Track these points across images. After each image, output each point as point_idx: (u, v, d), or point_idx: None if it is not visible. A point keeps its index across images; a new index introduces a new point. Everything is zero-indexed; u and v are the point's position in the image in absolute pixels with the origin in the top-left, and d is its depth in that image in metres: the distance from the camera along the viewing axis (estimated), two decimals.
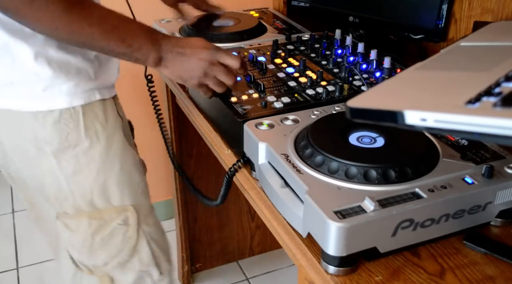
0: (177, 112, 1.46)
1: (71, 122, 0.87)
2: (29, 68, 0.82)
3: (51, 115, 0.86)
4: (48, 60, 0.83)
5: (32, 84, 0.84)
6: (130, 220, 0.97)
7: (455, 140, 0.79)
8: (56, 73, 0.84)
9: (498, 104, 0.50)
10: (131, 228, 0.98)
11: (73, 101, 0.87)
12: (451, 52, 0.79)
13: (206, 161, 1.60)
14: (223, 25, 1.30)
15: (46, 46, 0.83)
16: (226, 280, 1.82)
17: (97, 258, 0.98)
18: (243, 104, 0.92)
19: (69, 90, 0.86)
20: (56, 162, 0.89)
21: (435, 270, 0.66)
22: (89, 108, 0.89)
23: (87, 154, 0.90)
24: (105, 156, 0.92)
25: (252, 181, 0.86)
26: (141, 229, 0.99)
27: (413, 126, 0.53)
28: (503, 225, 0.73)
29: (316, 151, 0.73)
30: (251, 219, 1.81)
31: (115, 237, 0.97)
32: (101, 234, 0.96)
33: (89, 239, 0.96)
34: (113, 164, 0.94)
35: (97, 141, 0.91)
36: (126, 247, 0.99)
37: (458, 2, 1.10)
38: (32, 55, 0.82)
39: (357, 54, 1.11)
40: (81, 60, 0.87)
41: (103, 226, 0.96)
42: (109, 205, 0.95)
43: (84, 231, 0.95)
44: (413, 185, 0.68)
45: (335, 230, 0.62)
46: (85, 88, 0.88)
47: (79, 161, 0.90)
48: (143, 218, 1.00)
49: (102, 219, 0.95)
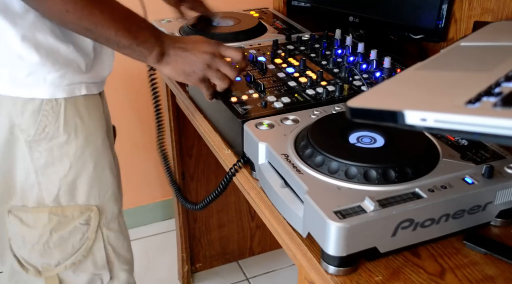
0: (177, 112, 1.46)
1: (51, 114, 0.85)
2: (14, 51, 0.80)
3: (31, 104, 0.84)
4: (36, 44, 0.81)
5: (15, 67, 0.81)
6: (92, 220, 0.95)
7: (455, 140, 0.79)
8: (43, 60, 0.82)
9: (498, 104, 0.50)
10: (90, 229, 0.95)
11: (56, 93, 0.85)
12: (451, 52, 0.79)
13: (206, 161, 1.61)
14: (223, 25, 1.30)
15: (36, 30, 0.80)
16: (226, 280, 1.81)
17: (50, 256, 0.95)
18: (243, 104, 0.92)
19: (53, 81, 0.83)
20: (28, 152, 0.87)
21: (435, 270, 0.66)
22: (72, 102, 0.87)
23: (62, 149, 0.88)
24: (80, 153, 0.90)
25: (252, 181, 0.86)
26: (100, 231, 0.97)
27: (413, 126, 0.53)
28: (503, 225, 0.73)
29: (316, 151, 0.73)
30: (251, 219, 1.81)
31: (73, 236, 0.94)
32: (60, 232, 0.93)
33: (46, 235, 0.93)
34: (87, 162, 0.92)
35: (75, 137, 0.89)
36: (82, 248, 0.96)
37: (458, 2, 1.10)
38: (19, 37, 0.79)
39: (357, 54, 1.11)
40: (72, 50, 0.85)
41: (64, 224, 0.93)
42: (73, 203, 0.93)
43: (43, 226, 0.92)
44: (413, 185, 0.68)
45: (335, 230, 0.62)
46: (72, 81, 0.86)
47: (52, 154, 0.88)
48: (106, 221, 0.98)
49: (64, 216, 0.93)
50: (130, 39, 0.81)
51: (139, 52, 0.84)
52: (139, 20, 0.83)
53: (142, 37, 0.82)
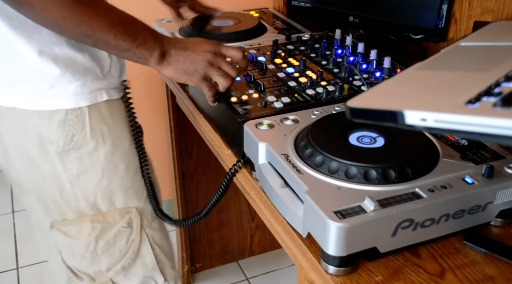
0: (177, 112, 1.46)
1: (76, 123, 0.86)
2: (34, 66, 0.81)
3: (56, 115, 0.85)
4: (54, 57, 0.82)
5: (37, 82, 0.82)
6: (134, 222, 0.96)
7: (455, 140, 0.79)
8: (62, 71, 0.82)
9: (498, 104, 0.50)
10: (134, 231, 0.97)
11: (79, 102, 0.85)
12: (451, 52, 0.79)
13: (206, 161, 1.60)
14: (223, 25, 1.30)
15: (51, 43, 0.81)
16: (226, 280, 1.82)
17: (100, 263, 0.97)
18: (243, 104, 0.92)
19: (75, 90, 0.84)
20: (60, 163, 0.88)
21: (435, 270, 0.66)
22: (96, 108, 0.88)
23: (92, 156, 0.89)
24: (110, 158, 0.91)
25: (252, 181, 0.86)
26: (144, 232, 0.98)
27: (413, 126, 0.53)
28: (503, 225, 0.73)
29: (316, 151, 0.73)
30: (251, 219, 1.81)
31: (118, 240, 0.96)
32: (105, 238, 0.94)
33: (92, 244, 0.94)
34: (118, 166, 0.93)
35: (103, 142, 0.89)
36: (129, 251, 0.97)
37: (458, 2, 1.10)
38: (36, 52, 0.80)
39: (357, 54, 1.11)
40: (88, 58, 0.85)
41: (107, 230, 0.94)
42: (113, 208, 0.94)
43: (87, 235, 0.94)
44: (413, 185, 0.68)
45: (335, 230, 0.62)
46: (92, 88, 0.86)
47: (83, 162, 0.89)
48: (147, 221, 0.99)
49: (106, 222, 0.94)
50: (129, 42, 0.81)
51: (140, 54, 0.83)
52: (137, 22, 0.83)
53: (141, 39, 0.82)
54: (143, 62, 0.85)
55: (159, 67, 0.86)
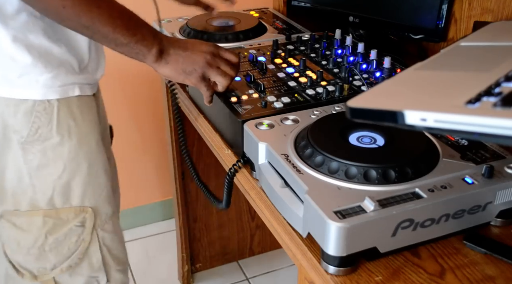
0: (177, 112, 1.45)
1: (43, 116, 0.85)
2: (6, 52, 0.80)
3: (23, 104, 0.83)
4: (28, 46, 0.80)
5: (7, 69, 0.81)
6: (87, 222, 0.94)
7: (455, 140, 0.79)
8: (35, 61, 0.81)
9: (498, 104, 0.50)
10: (86, 231, 0.95)
11: (48, 94, 0.84)
12: (451, 52, 0.79)
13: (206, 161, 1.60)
14: (223, 25, 1.30)
15: (28, 31, 0.80)
16: (226, 280, 1.82)
17: (46, 260, 0.94)
18: (243, 104, 0.92)
19: (45, 82, 0.83)
20: (21, 153, 0.86)
21: (435, 270, 0.66)
22: (65, 103, 0.86)
23: (55, 150, 0.88)
24: (74, 154, 0.90)
25: (252, 181, 0.86)
26: (95, 233, 0.96)
27: (413, 126, 0.53)
28: (503, 225, 0.73)
29: (316, 151, 0.73)
30: (251, 219, 1.81)
31: (68, 238, 0.94)
32: (55, 235, 0.92)
33: (41, 239, 0.92)
34: (81, 164, 0.91)
35: (69, 138, 0.88)
36: (77, 250, 0.95)
37: (458, 2, 1.10)
38: (10, 38, 0.79)
39: (357, 54, 1.11)
40: (65, 51, 0.84)
41: (59, 226, 0.92)
42: (68, 205, 0.92)
43: (38, 230, 0.91)
44: (413, 185, 0.68)
45: (335, 230, 0.62)
46: (65, 82, 0.85)
47: (46, 155, 0.87)
48: (100, 222, 0.97)
49: (59, 219, 0.92)
50: (128, 36, 0.80)
51: (137, 50, 0.82)
52: (137, 18, 0.83)
53: (140, 35, 0.82)
54: (141, 59, 0.85)
55: (156, 64, 0.86)
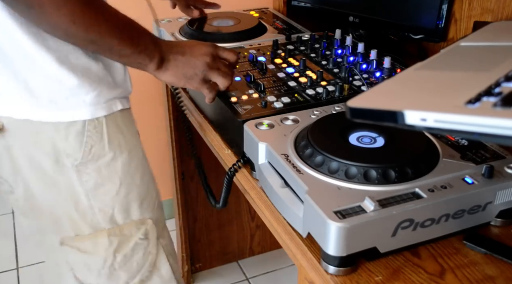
0: (177, 112, 1.46)
1: (95, 134, 0.83)
2: (53, 75, 0.78)
3: (73, 127, 0.81)
4: (72, 67, 0.79)
5: (54, 92, 0.79)
6: (150, 234, 0.94)
7: (455, 140, 0.79)
8: (80, 81, 0.79)
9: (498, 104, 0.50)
10: (151, 243, 0.94)
11: (97, 112, 0.83)
12: (451, 52, 0.79)
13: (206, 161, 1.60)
14: (223, 25, 1.30)
15: (68, 52, 0.78)
16: (226, 280, 1.82)
17: (118, 278, 0.93)
18: (243, 104, 0.92)
19: (92, 100, 0.82)
20: (76, 176, 0.85)
21: (435, 270, 0.66)
22: (112, 118, 0.85)
23: (109, 167, 0.86)
24: (127, 168, 0.89)
25: (252, 181, 0.86)
26: (159, 244, 0.96)
27: (413, 126, 0.53)
28: (503, 225, 0.73)
29: (316, 151, 0.73)
30: (251, 219, 1.81)
31: (136, 253, 0.93)
32: (123, 252, 0.91)
33: (110, 258, 0.91)
34: (135, 176, 0.90)
35: (120, 153, 0.87)
36: (146, 264, 0.95)
37: (458, 2, 1.10)
38: (55, 61, 0.77)
39: (357, 54, 1.11)
40: (102, 67, 0.83)
41: (124, 243, 0.91)
42: (129, 220, 0.91)
43: (105, 250, 0.90)
44: (413, 185, 0.68)
45: (335, 230, 0.62)
46: (108, 98, 0.84)
47: (101, 174, 0.86)
48: (160, 231, 0.97)
49: (123, 235, 0.91)
50: (132, 47, 0.79)
51: (140, 60, 0.82)
52: (138, 26, 0.82)
53: (143, 45, 0.81)
54: (142, 68, 0.84)
55: (157, 72, 0.85)
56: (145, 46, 0.81)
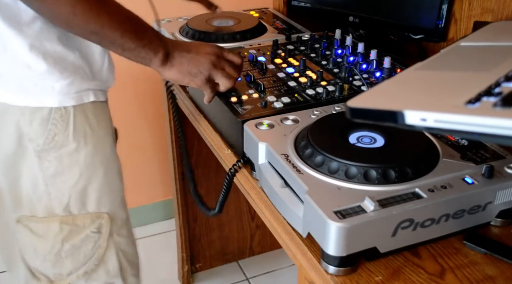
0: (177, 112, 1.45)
1: (60, 123, 0.84)
2: (22, 60, 0.79)
3: (39, 112, 0.82)
4: (44, 53, 0.80)
5: (23, 77, 0.80)
6: (103, 228, 0.94)
7: (455, 140, 0.79)
8: (51, 68, 0.80)
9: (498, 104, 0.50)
10: (102, 237, 0.94)
11: (65, 101, 0.83)
12: (451, 52, 0.79)
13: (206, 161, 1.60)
14: (223, 25, 1.30)
15: (43, 38, 0.79)
16: (226, 280, 1.81)
17: (63, 266, 0.94)
18: (243, 104, 0.92)
19: (62, 89, 0.82)
20: (37, 161, 0.86)
21: (435, 270, 0.66)
22: (81, 109, 0.85)
23: (71, 157, 0.87)
24: (90, 160, 0.89)
25: (252, 181, 0.86)
26: (111, 239, 0.96)
27: (413, 126, 0.53)
28: (503, 225, 0.73)
29: (316, 151, 0.73)
30: (251, 219, 1.81)
31: (85, 245, 0.93)
32: (72, 241, 0.92)
33: (58, 245, 0.91)
34: (97, 170, 0.91)
35: (85, 144, 0.87)
36: (94, 256, 0.95)
37: (458, 2, 1.10)
38: (27, 46, 0.78)
39: (357, 54, 1.11)
40: (78, 57, 0.83)
41: (75, 233, 0.92)
42: (84, 211, 0.91)
43: (54, 236, 0.91)
44: (413, 185, 0.68)
45: (335, 230, 0.62)
46: (80, 88, 0.84)
47: (62, 163, 0.87)
48: (116, 228, 0.97)
49: (75, 225, 0.91)
50: (136, 41, 0.80)
51: (144, 54, 0.82)
52: (143, 21, 0.83)
53: (147, 39, 0.81)
54: (146, 63, 0.84)
55: (161, 68, 0.86)
56: (149, 40, 0.82)
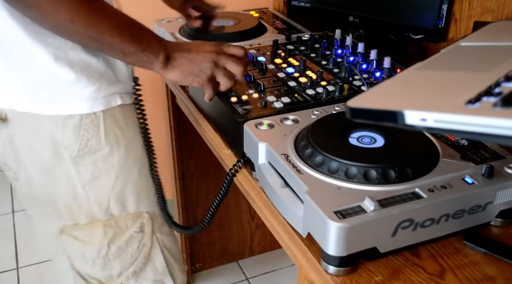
0: (177, 112, 1.46)
1: (91, 128, 0.85)
2: (49, 71, 0.80)
3: (71, 120, 0.84)
4: (69, 62, 0.81)
5: (52, 87, 0.82)
6: (146, 227, 0.96)
7: (455, 140, 0.79)
8: (78, 76, 0.82)
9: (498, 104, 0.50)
10: (146, 236, 0.96)
11: (94, 106, 0.85)
12: (451, 52, 0.79)
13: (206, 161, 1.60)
14: (223, 25, 1.30)
15: (67, 48, 0.81)
16: (226, 280, 1.82)
17: (112, 268, 0.96)
18: (243, 104, 0.92)
19: (90, 95, 0.84)
20: (73, 168, 0.87)
21: (435, 270, 0.66)
22: (110, 113, 0.87)
23: (106, 160, 0.89)
24: (124, 162, 0.91)
25: (252, 181, 0.86)
26: (155, 237, 0.98)
27: (413, 126, 0.53)
28: (503, 225, 0.73)
29: (316, 151, 0.73)
30: (251, 219, 1.81)
31: (130, 245, 0.95)
32: (117, 243, 0.94)
33: (105, 248, 0.93)
34: (132, 170, 0.92)
35: (117, 147, 0.89)
36: (140, 255, 0.97)
37: (458, 2, 1.10)
38: (52, 57, 0.80)
39: (357, 54, 1.11)
40: (102, 63, 0.85)
41: (119, 234, 0.94)
42: (125, 212, 0.93)
43: (99, 240, 0.93)
44: (413, 185, 0.68)
45: (335, 230, 0.62)
46: (107, 93, 0.86)
47: (97, 167, 0.88)
48: (157, 226, 0.99)
49: (118, 227, 0.93)
50: (135, 45, 0.80)
51: (145, 58, 0.82)
52: (141, 25, 0.83)
53: (146, 43, 0.82)
54: (148, 66, 0.84)
55: (163, 71, 0.86)
56: (148, 44, 0.82)
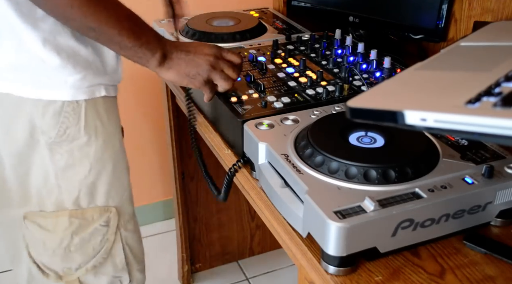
0: (177, 112, 1.46)
1: (72, 116, 0.85)
2: (36, 54, 0.80)
3: (52, 105, 0.84)
4: (57, 48, 0.81)
5: (37, 70, 0.82)
6: (111, 222, 0.95)
7: (455, 140, 0.79)
8: (64, 62, 0.82)
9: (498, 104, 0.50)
10: (110, 230, 0.95)
11: (77, 95, 0.85)
12: (451, 52, 0.79)
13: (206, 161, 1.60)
14: (223, 25, 1.30)
15: (57, 33, 0.81)
16: (226, 280, 1.82)
17: (72, 260, 0.94)
18: (243, 104, 0.92)
19: (74, 83, 0.84)
20: (48, 154, 0.87)
21: (435, 270, 0.66)
22: (93, 103, 0.87)
23: (82, 150, 0.88)
24: (100, 155, 0.90)
25: (252, 181, 0.86)
26: (119, 233, 0.97)
27: (413, 126, 0.53)
28: (503, 225, 0.73)
29: (316, 151, 0.73)
30: (251, 219, 1.81)
31: (93, 238, 0.94)
32: (81, 234, 0.93)
33: (67, 239, 0.92)
34: (106, 164, 0.92)
35: (95, 139, 0.89)
36: (102, 249, 0.96)
37: (458, 2, 1.10)
38: (41, 41, 0.80)
39: (357, 54, 1.11)
40: (91, 52, 0.85)
41: (84, 226, 0.93)
42: (93, 205, 0.93)
43: (63, 230, 0.92)
44: (413, 185, 0.68)
45: (335, 230, 0.62)
46: (92, 83, 0.86)
47: (73, 156, 0.88)
48: (123, 222, 0.98)
49: (84, 219, 0.92)
50: (133, 40, 0.80)
51: (141, 54, 0.82)
52: (142, 21, 0.83)
53: (145, 39, 0.82)
54: (143, 63, 0.85)
55: (158, 69, 0.86)
56: (147, 40, 0.82)
